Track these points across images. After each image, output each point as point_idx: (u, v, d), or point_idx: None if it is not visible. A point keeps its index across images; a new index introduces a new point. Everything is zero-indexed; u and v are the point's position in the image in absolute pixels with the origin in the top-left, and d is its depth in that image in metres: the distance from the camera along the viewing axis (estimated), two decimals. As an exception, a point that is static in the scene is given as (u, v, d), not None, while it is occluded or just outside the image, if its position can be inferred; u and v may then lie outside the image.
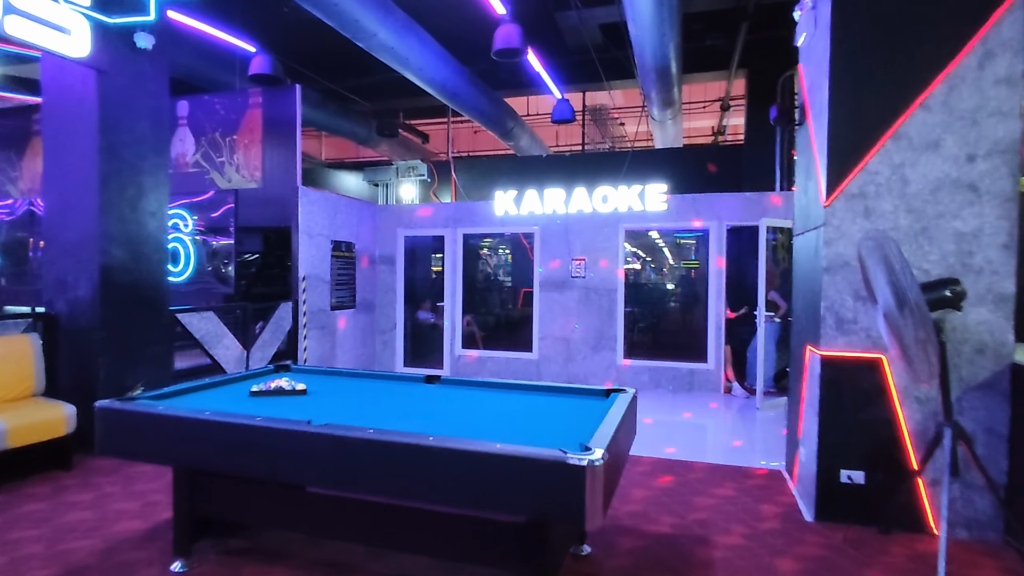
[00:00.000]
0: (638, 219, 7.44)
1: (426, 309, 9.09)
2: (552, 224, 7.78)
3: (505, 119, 10.10)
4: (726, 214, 7.15)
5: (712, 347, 7.19)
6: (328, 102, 10.23)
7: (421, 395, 3.21)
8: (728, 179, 9.77)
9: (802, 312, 4.02)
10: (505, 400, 3.09)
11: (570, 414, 2.76)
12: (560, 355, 7.76)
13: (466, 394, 3.22)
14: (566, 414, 2.77)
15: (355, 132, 11.08)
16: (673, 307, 9.87)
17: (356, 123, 10.94)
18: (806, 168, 4.02)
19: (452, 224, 8.24)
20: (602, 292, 7.57)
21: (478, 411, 2.85)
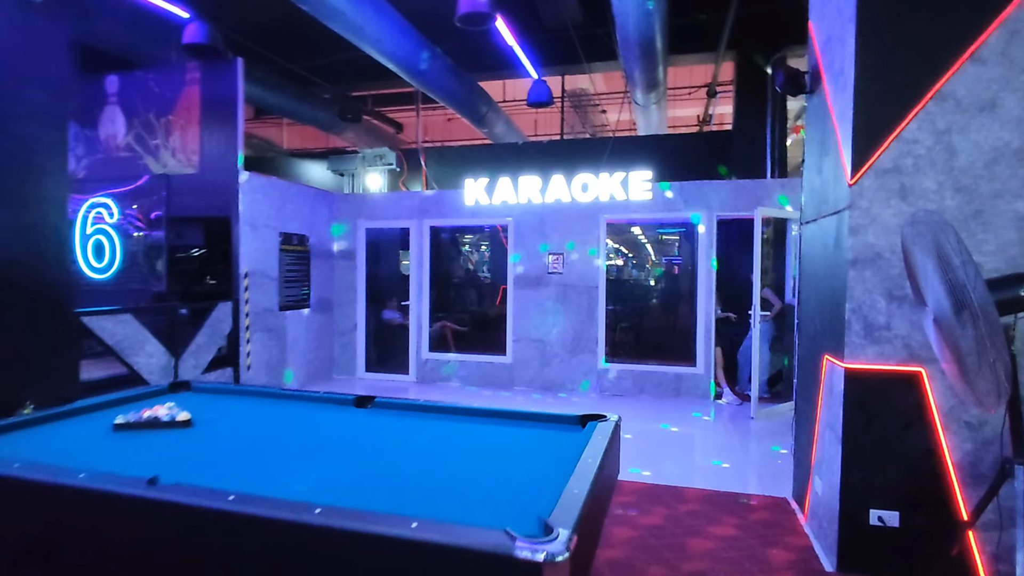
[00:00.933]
0: (621, 209, 6.78)
1: (392, 308, 8.34)
2: (527, 215, 7.09)
3: (478, 103, 9.36)
4: (716, 204, 6.52)
5: (701, 349, 6.57)
6: (286, 84, 9.40)
7: (344, 425, 2.49)
8: (716, 168, 9.16)
9: (816, 315, 3.38)
10: (449, 433, 2.38)
11: (530, 458, 2.07)
12: (535, 358, 7.08)
13: (401, 424, 2.51)
14: (525, 458, 2.08)
15: (318, 118, 10.25)
16: (658, 306, 9.24)
17: (319, 108, 10.11)
18: (820, 142, 3.37)
19: (418, 215, 7.50)
20: (581, 289, 6.90)
21: (410, 453, 2.14)
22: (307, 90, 10.00)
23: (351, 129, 11.54)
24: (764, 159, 8.43)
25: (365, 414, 2.66)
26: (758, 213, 5.72)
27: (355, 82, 10.34)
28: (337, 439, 2.30)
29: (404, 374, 7.62)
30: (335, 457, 2.06)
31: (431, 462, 2.01)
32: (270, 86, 8.88)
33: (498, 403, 6.36)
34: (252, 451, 2.10)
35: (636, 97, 9.06)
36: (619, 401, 6.54)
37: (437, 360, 7.47)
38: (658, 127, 10.66)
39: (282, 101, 9.25)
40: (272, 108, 9.44)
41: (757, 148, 8.56)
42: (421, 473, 1.89)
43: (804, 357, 3.64)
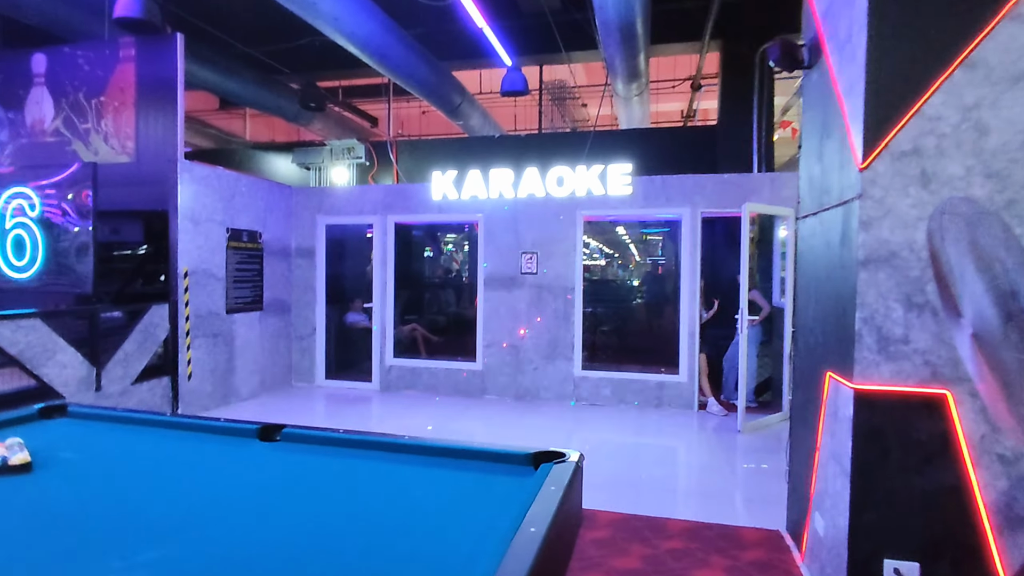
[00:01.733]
0: (599, 205, 6.31)
1: (357, 310, 7.79)
2: (499, 211, 6.59)
3: (450, 93, 8.84)
4: (701, 199, 6.07)
5: (684, 356, 6.12)
6: (245, 70, 8.79)
7: (234, 469, 1.97)
8: (700, 163, 8.74)
9: (816, 323, 2.92)
10: (363, 478, 1.87)
11: (459, 519, 1.57)
12: (508, 365, 6.58)
13: (308, 466, 1.99)
14: (452, 519, 1.57)
15: (282, 107, 9.66)
16: (639, 309, 8.79)
17: (282, 96, 9.51)
18: (821, 124, 2.92)
19: (382, 210, 6.96)
20: (557, 291, 6.42)
21: (305, 510, 1.63)
22: (269, 77, 9.40)
23: (319, 121, 10.95)
24: (750, 154, 8.02)
25: (267, 451, 2.14)
26: (746, 209, 5.28)
27: (321, 70, 9.76)
28: (223, 486, 1.78)
29: (367, 382, 7.07)
30: (211, 514, 1.54)
31: (327, 526, 1.50)
32: (226, 70, 8.26)
33: (466, 416, 5.86)
34: (86, 514, 1.57)
35: (617, 88, 8.60)
36: (597, 412, 6.07)
37: (402, 367, 6.93)
38: (640, 122, 10.23)
39: (240, 87, 8.63)
40: (230, 95, 8.82)
41: (743, 143, 8.15)
42: (310, 546, 1.38)
43: (801, 372, 3.19)
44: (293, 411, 6.05)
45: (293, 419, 5.75)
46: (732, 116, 8.42)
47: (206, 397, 5.89)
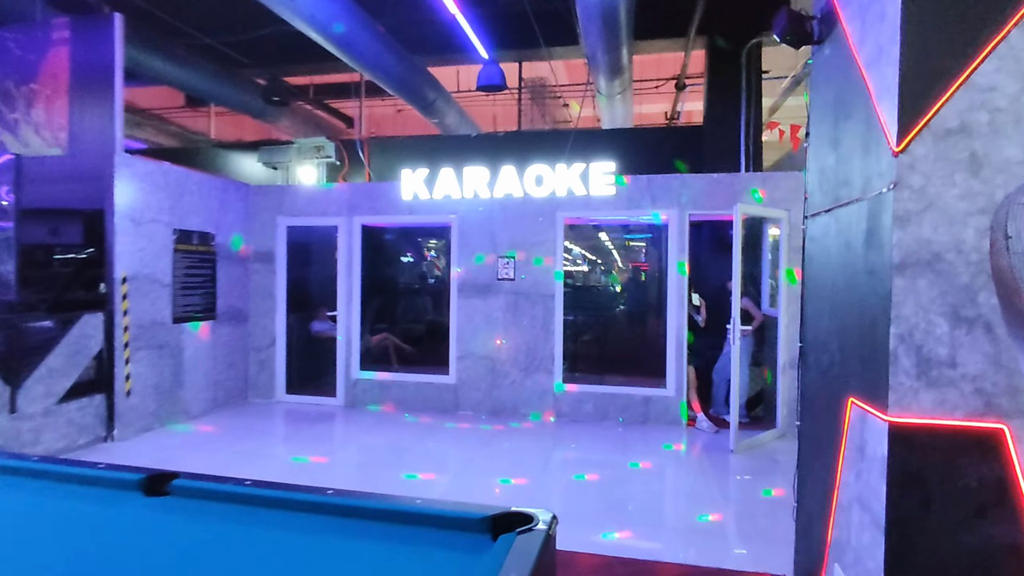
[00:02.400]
0: (581, 206, 5.88)
1: (323, 319, 7.26)
2: (474, 212, 6.12)
3: (423, 88, 8.37)
4: (688, 200, 5.68)
5: (672, 368, 5.70)
6: (205, 62, 8.23)
7: (99, 538, 1.47)
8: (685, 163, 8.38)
9: (831, 338, 2.50)
10: (265, 557, 1.39)
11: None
12: (483, 378, 6.10)
13: (197, 537, 1.50)
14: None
15: (246, 103, 9.11)
16: (625, 317, 8.37)
17: (247, 91, 8.97)
18: (835, 105, 2.51)
19: (347, 211, 6.46)
20: (536, 298, 5.97)
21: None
22: (231, 70, 8.86)
23: (288, 118, 10.41)
24: (737, 155, 7.68)
25: (148, 511, 1.64)
26: (738, 210, 4.88)
27: (287, 63, 9.24)
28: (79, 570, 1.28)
29: (331, 397, 6.54)
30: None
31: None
32: (183, 62, 7.71)
33: (434, 435, 5.36)
34: None
35: (600, 85, 8.21)
36: (579, 429, 5.62)
37: (369, 381, 6.42)
38: (623, 123, 9.86)
39: (198, 80, 8.08)
40: (188, 88, 8.26)
41: (730, 143, 7.81)
42: None
43: (813, 395, 2.76)
44: (246, 430, 5.50)
45: (245, 439, 5.24)
46: (718, 116, 8.08)
47: (149, 416, 5.32)
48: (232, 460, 4.62)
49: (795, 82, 8.45)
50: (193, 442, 5.12)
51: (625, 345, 7.69)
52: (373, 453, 5.06)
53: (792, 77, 8.50)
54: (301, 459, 4.67)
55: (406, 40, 7.92)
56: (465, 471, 4.43)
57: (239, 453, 4.81)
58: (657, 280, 7.93)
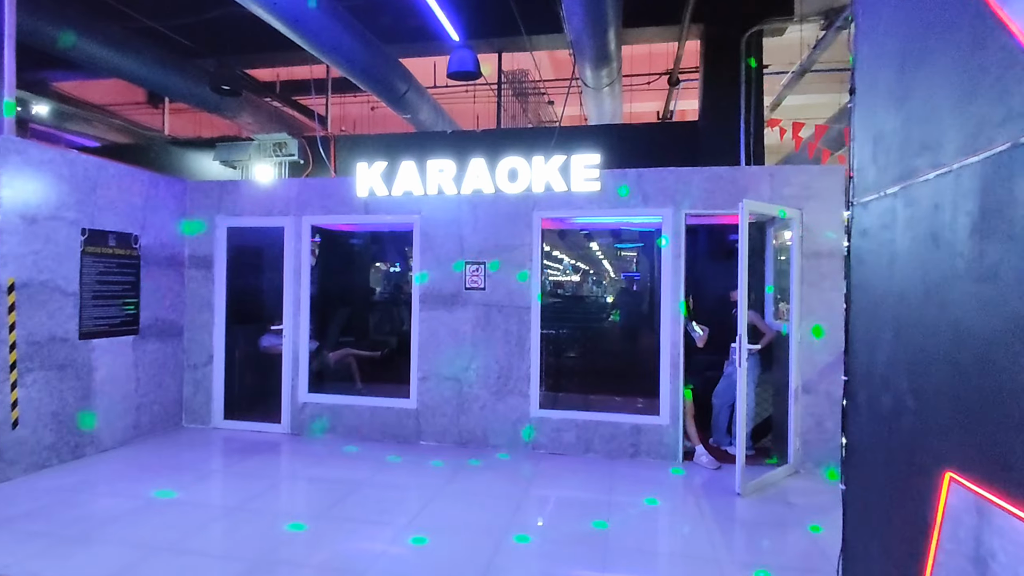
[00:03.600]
0: (561, 205, 5.11)
1: (275, 333, 6.41)
2: (439, 212, 5.34)
3: (393, 79, 7.61)
4: (685, 198, 4.92)
5: (666, 392, 4.91)
6: (150, 48, 7.43)
7: None
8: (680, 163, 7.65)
9: (900, 374, 1.72)
10: None
11: None
12: (449, 403, 5.28)
13: None
14: None
15: (196, 94, 8.29)
16: (612, 332, 7.58)
17: (199, 82, 8.16)
18: (907, 43, 1.76)
19: (296, 210, 5.65)
20: (510, 311, 5.18)
21: None
22: (181, 58, 8.05)
23: (251, 114, 9.62)
24: (737, 153, 6.97)
25: None
26: (744, 208, 4.13)
27: (244, 53, 8.46)
28: None
29: (275, 423, 5.69)
30: None
31: None
32: (121, 46, 6.90)
33: (385, 472, 4.53)
34: None
35: (586, 76, 7.49)
36: (557, 464, 4.81)
37: (319, 404, 5.58)
38: (612, 119, 9.15)
39: (140, 67, 7.27)
40: (128, 75, 7.44)
41: (728, 140, 7.10)
42: None
43: (867, 451, 1.97)
44: (163, 464, 4.64)
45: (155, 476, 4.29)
46: (716, 110, 7.37)
47: (45, 450, 4.45)
48: (124, 507, 3.76)
49: (798, 74, 7.77)
50: (89, 481, 4.25)
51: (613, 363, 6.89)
52: (300, 496, 4.22)
53: (791, 73, 7.82)
54: (165, 495, 3.82)
55: (374, 27, 7.18)
56: (413, 524, 3.61)
57: (134, 498, 3.95)
58: (650, 291, 7.16)
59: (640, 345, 6.84)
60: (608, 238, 9.57)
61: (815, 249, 4.69)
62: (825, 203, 4.68)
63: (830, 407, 4.61)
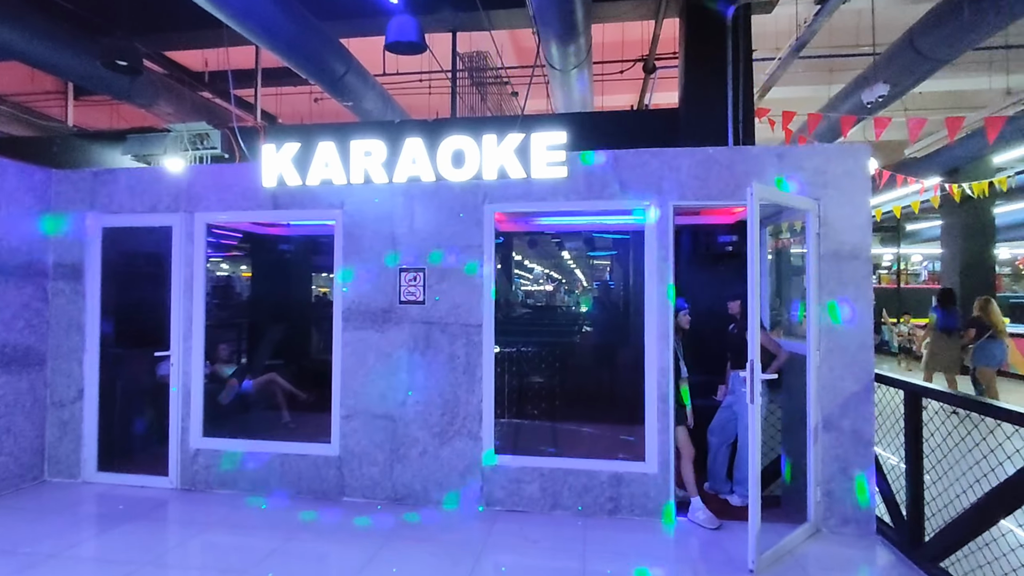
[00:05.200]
0: (518, 196, 4.07)
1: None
2: (367, 206, 4.25)
3: (328, 59, 6.52)
4: (672, 185, 3.93)
5: (653, 432, 3.88)
6: (34, 17, 6.19)
7: None
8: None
9: None
10: None
11: None
12: (380, 447, 4.17)
13: None
14: None
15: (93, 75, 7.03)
16: (584, 354, 6.54)
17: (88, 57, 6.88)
18: None
19: (186, 205, 4.49)
20: (456, 330, 4.10)
21: None
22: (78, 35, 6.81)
23: (170, 103, 8.40)
24: (724, 142, 6.06)
25: None
26: (754, 195, 3.16)
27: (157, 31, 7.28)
28: None
29: (161, 475, 4.48)
30: None
31: None
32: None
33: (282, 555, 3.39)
34: None
35: (551, 56, 6.52)
36: (517, 526, 3.74)
37: (216, 451, 4.40)
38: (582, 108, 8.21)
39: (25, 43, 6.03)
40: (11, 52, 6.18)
41: (714, 128, 6.19)
42: None
43: None
44: (-18, 549, 3.41)
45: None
46: (699, 95, 6.45)
47: None
48: None
49: (788, 58, 6.92)
50: None
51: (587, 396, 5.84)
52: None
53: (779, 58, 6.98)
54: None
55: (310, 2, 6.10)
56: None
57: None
58: (627, 303, 6.18)
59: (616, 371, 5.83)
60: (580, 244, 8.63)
61: (834, 249, 3.75)
62: (845, 191, 3.75)
63: (857, 449, 3.66)
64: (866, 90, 6.44)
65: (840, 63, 8.38)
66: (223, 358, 6.04)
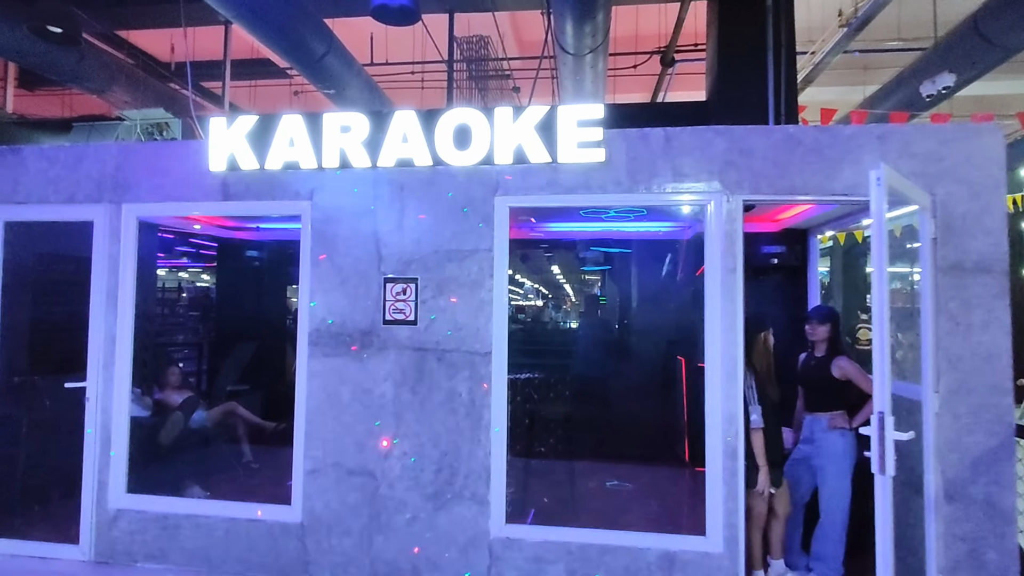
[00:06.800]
0: (540, 186, 3.15)
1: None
2: (342, 196, 3.30)
3: (305, 35, 5.61)
4: (742, 173, 3.03)
5: (717, 499, 2.93)
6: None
7: None
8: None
9: None
10: None
11: None
12: (357, 513, 3.17)
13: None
14: None
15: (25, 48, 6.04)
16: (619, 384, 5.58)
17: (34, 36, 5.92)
18: None
19: (111, 194, 3.51)
20: (457, 359, 3.15)
21: None
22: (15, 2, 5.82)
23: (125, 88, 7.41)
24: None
25: None
26: (883, 178, 2.26)
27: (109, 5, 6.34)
28: None
29: (70, 543, 3.44)
30: None
31: None
32: None
33: None
34: None
35: (565, 38, 5.66)
36: (537, 629, 2.76)
37: (142, 515, 3.37)
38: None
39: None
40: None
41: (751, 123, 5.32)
42: None
43: None
44: None
45: None
46: (732, 85, 5.62)
47: None
48: None
49: (855, 27, 6.04)
50: None
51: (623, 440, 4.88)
52: None
53: (844, 29, 6.16)
54: None
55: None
56: None
57: None
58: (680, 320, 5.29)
59: (666, 413, 4.91)
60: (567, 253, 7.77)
61: (955, 260, 2.86)
62: (970, 184, 2.88)
63: (993, 525, 2.75)
64: (926, 81, 5.67)
65: (876, 60, 7.64)
66: (173, 384, 5.04)
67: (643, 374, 5.85)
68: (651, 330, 6.15)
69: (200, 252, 6.86)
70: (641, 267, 6.26)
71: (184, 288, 12.36)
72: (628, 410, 5.44)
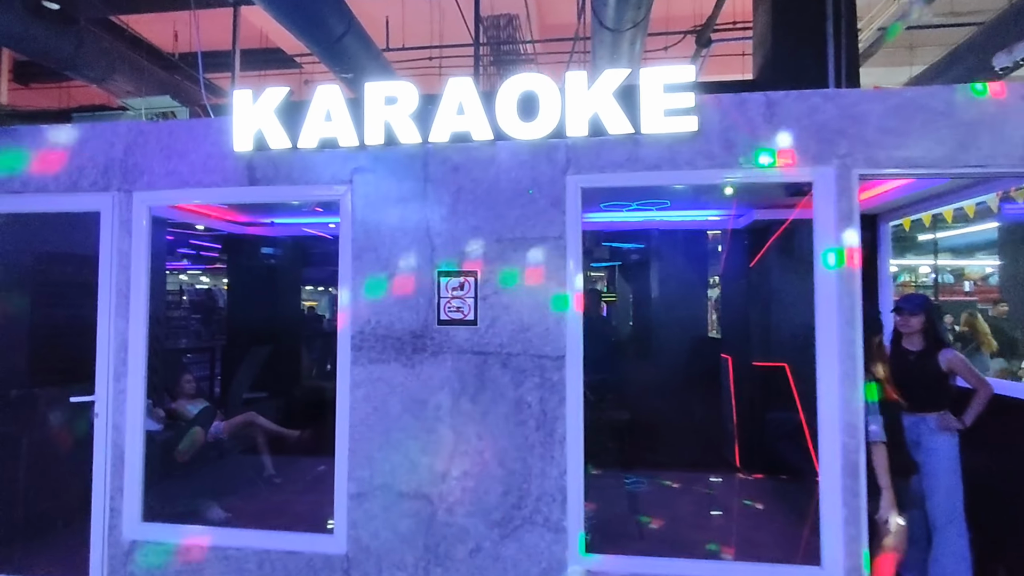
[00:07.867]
0: (619, 163, 2.72)
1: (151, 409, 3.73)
2: (387, 180, 2.87)
3: (323, 12, 5.17)
4: (857, 144, 2.60)
5: (836, 520, 2.51)
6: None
7: None
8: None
9: None
10: None
11: None
12: (410, 543, 2.75)
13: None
14: None
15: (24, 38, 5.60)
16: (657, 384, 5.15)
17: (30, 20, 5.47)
18: None
19: (120, 181, 3.08)
20: (524, 363, 2.72)
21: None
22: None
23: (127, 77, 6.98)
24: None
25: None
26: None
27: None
28: None
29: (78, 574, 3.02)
30: None
31: None
32: None
33: None
34: None
35: (605, 10, 5.22)
36: None
37: (160, 544, 2.95)
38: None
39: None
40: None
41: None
42: None
43: None
44: None
45: None
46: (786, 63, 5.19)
47: None
48: None
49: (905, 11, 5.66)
50: None
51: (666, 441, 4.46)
52: None
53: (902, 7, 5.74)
54: None
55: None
56: None
57: None
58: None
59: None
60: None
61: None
62: None
63: None
64: (1000, 53, 5.24)
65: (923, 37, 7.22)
66: (188, 393, 4.65)
67: (683, 374, 5.45)
68: (691, 326, 5.76)
69: (200, 254, 6.49)
70: (680, 260, 5.84)
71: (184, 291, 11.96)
72: (669, 412, 5.05)
